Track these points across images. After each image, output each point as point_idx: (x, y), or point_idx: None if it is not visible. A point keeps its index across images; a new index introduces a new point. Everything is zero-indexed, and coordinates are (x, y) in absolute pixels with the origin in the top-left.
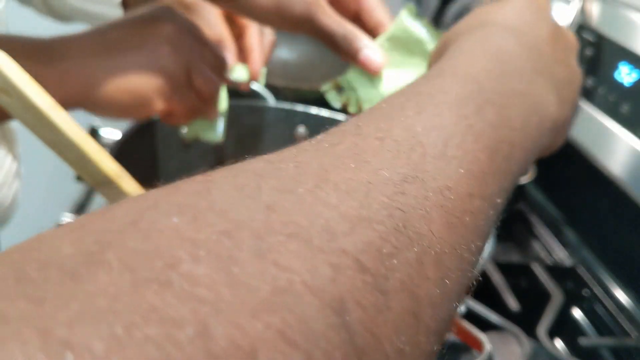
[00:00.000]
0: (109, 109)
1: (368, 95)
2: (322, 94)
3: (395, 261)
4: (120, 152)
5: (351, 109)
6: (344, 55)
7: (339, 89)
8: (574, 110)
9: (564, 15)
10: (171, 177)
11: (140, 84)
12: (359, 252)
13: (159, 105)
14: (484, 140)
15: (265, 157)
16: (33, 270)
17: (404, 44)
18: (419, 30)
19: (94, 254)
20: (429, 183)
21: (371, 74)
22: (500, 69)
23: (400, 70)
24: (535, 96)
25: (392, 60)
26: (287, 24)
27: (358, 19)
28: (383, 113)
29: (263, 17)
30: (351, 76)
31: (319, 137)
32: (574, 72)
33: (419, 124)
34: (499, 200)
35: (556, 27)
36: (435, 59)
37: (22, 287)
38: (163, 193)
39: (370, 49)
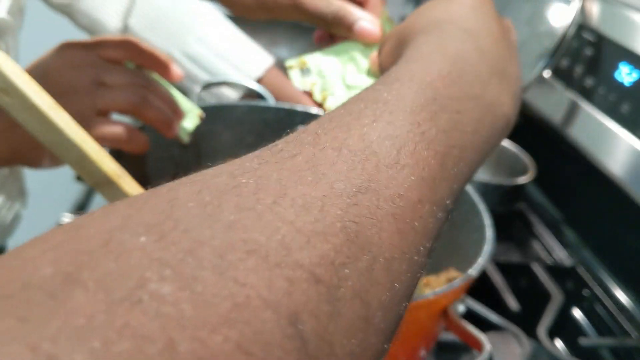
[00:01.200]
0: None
1: (334, 87)
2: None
3: (347, 271)
4: (120, 152)
5: (315, 97)
6: (339, 32)
7: (306, 70)
8: (520, 101)
9: (564, 15)
10: (171, 177)
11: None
12: (314, 265)
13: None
14: (435, 146)
15: (228, 168)
16: (17, 290)
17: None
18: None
19: (70, 274)
20: (381, 192)
21: (343, 63)
22: (457, 73)
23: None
24: (490, 98)
25: (360, 63)
26: (273, 14)
27: None
28: (341, 121)
29: (247, 10)
30: (324, 61)
31: (280, 145)
32: (517, 65)
33: (373, 133)
34: (448, 202)
35: (502, 22)
36: (390, 54)
37: (9, 306)
38: (131, 211)
39: (365, 20)
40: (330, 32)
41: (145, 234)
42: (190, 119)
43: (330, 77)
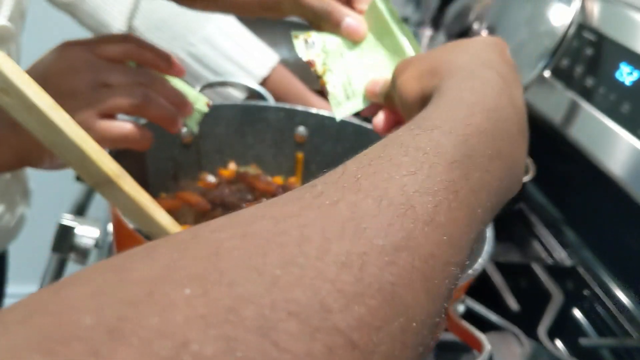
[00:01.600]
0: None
1: (334, 65)
2: (321, 90)
3: (381, 334)
4: (120, 152)
5: (317, 68)
6: (328, 29)
7: (310, 43)
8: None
9: (564, 15)
10: (171, 177)
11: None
12: (352, 329)
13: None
14: (464, 207)
15: (269, 212)
16: (58, 344)
17: (375, 28)
18: (389, 17)
19: (114, 328)
20: (416, 251)
21: (345, 46)
22: (493, 129)
23: (369, 51)
24: (514, 157)
25: (364, 41)
26: (269, 11)
27: None
28: (381, 167)
29: (244, 8)
30: (328, 39)
31: (319, 186)
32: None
33: (413, 186)
34: (467, 263)
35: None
36: (415, 78)
37: None
38: (174, 255)
39: (352, 18)
40: (319, 29)
41: (189, 285)
42: (198, 108)
43: (332, 55)
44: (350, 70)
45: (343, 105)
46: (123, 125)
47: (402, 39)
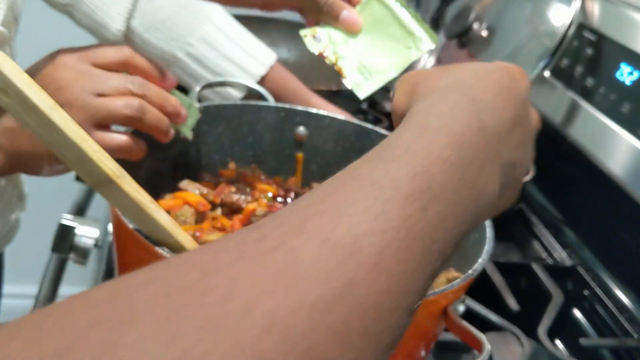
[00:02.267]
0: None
1: (344, 51)
2: (322, 93)
3: None
4: None
5: (328, 59)
6: (326, 19)
7: (317, 37)
8: (516, 192)
9: (564, 15)
10: (171, 177)
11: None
12: None
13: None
14: (418, 242)
15: (204, 259)
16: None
17: (376, 12)
18: (393, 2)
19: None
20: (355, 301)
21: (349, 34)
22: (457, 156)
23: (372, 36)
24: (480, 186)
25: (366, 27)
26: (269, 3)
27: None
28: (334, 204)
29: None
30: (332, 31)
31: (264, 229)
32: (525, 156)
33: (362, 226)
34: (415, 307)
35: (522, 109)
36: (404, 95)
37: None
38: (89, 320)
39: (350, 11)
40: (314, 21)
41: (97, 356)
42: (192, 115)
43: (338, 44)
44: (360, 54)
45: (363, 86)
46: (118, 136)
47: (408, 20)
